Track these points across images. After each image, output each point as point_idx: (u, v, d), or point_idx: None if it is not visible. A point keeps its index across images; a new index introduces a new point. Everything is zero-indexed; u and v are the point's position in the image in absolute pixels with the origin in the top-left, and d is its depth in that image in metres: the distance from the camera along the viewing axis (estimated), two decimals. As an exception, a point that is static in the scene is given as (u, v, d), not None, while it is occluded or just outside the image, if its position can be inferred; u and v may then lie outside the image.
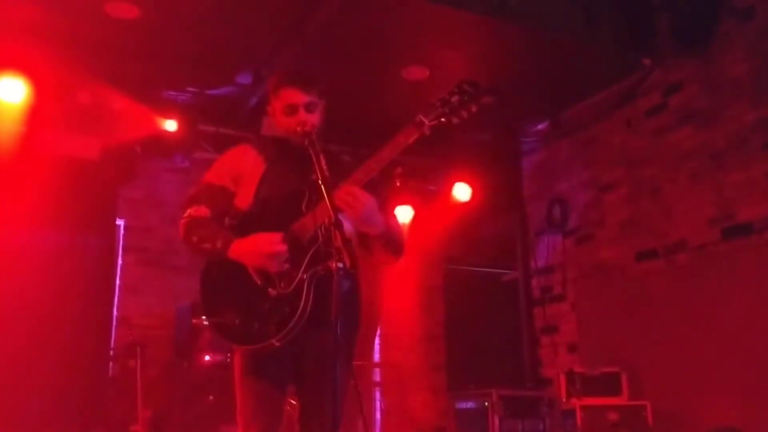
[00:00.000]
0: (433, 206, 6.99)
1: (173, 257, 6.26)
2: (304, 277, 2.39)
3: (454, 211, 6.82)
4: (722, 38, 5.18)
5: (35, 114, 5.21)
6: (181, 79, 5.66)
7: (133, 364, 5.16)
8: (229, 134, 5.88)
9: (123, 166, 5.73)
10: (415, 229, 6.51)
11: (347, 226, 2.25)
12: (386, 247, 2.55)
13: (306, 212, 2.45)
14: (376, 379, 6.64)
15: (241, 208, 2.58)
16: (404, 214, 6.56)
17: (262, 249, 2.40)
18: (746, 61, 5.03)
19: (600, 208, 6.19)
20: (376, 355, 6.90)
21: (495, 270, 7.61)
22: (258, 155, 2.65)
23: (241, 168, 2.63)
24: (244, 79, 5.61)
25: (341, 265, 2.04)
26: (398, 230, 2.62)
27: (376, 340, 6.88)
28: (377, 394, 6.53)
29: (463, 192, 6.72)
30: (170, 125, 5.64)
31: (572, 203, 6.51)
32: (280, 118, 2.60)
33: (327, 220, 2.18)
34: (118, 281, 6.04)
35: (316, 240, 2.40)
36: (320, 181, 2.25)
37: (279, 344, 2.37)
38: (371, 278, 2.72)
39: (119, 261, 6.13)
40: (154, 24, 4.87)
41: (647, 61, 5.58)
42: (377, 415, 6.60)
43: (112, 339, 5.74)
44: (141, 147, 5.80)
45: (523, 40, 5.28)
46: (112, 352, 5.64)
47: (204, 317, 2.53)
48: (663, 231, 5.55)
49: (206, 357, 4.99)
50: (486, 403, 5.64)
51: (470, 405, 5.89)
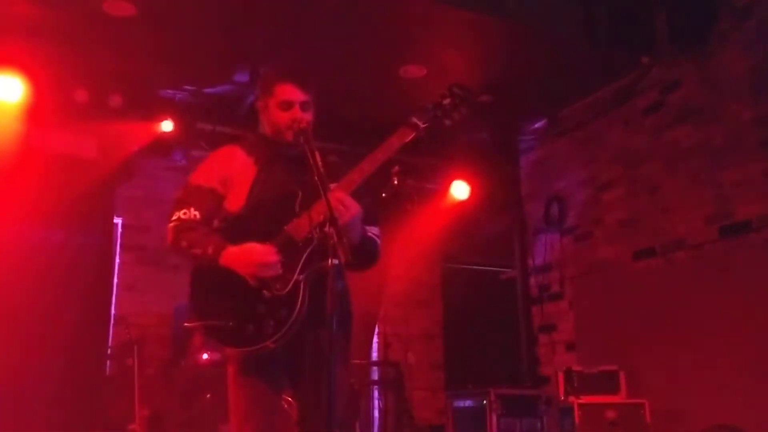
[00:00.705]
0: (431, 205, 6.99)
1: (171, 256, 6.22)
2: (300, 279, 2.36)
3: (452, 210, 6.82)
4: (720, 36, 5.18)
5: (32, 112, 5.19)
6: (179, 77, 5.65)
7: (131, 363, 5.15)
8: (227, 132, 5.86)
9: (120, 165, 5.72)
10: (413, 227, 6.51)
11: None
12: (360, 255, 2.48)
13: (300, 213, 2.42)
14: (374, 377, 6.63)
15: (231, 211, 2.53)
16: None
17: (254, 260, 2.36)
18: (744, 59, 5.03)
19: (598, 207, 6.19)
20: (374, 354, 6.89)
21: (493, 268, 7.61)
22: (247, 157, 2.61)
23: (229, 170, 2.58)
24: (241, 77, 5.61)
25: (337, 261, 2.03)
26: (376, 241, 2.59)
27: (374, 339, 6.87)
28: (375, 393, 6.53)
29: (461, 190, 6.71)
30: (166, 125, 5.62)
31: (570, 202, 6.51)
32: (275, 113, 2.57)
33: (322, 217, 2.17)
34: (115, 280, 6.03)
35: (311, 241, 2.38)
36: (317, 178, 2.24)
37: (274, 346, 2.35)
38: (371, 277, 2.70)
39: (117, 259, 6.11)
40: (152, 22, 4.86)
41: (645, 60, 5.58)
42: (375, 413, 6.59)
43: (110, 337, 5.72)
44: (138, 145, 5.77)
45: (521, 38, 5.28)
46: (109, 351, 5.63)
47: (195, 320, 2.47)
48: (661, 229, 5.55)
49: (204, 355, 4.98)
50: (484, 402, 5.64)
51: (468, 403, 5.89)
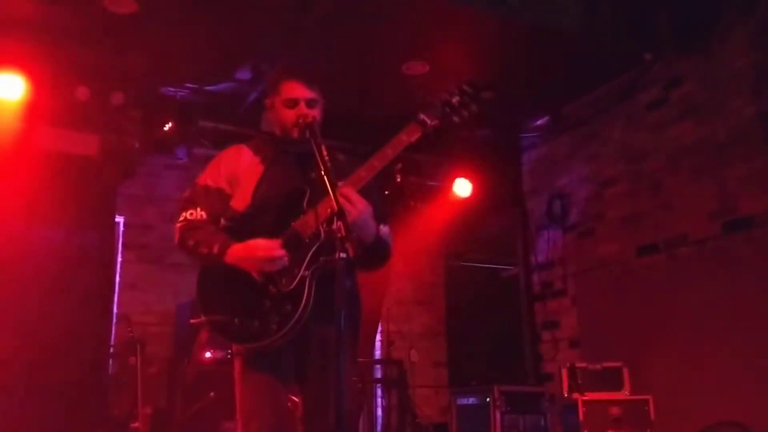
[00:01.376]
0: (434, 202, 6.98)
1: (173, 254, 6.23)
2: (306, 274, 2.36)
3: (455, 207, 6.81)
4: (723, 32, 5.17)
5: (33, 110, 5.18)
6: (180, 74, 5.63)
7: (134, 361, 5.13)
8: (229, 130, 5.86)
9: (122, 163, 5.70)
10: (415, 225, 6.50)
11: None
12: (372, 255, 2.51)
13: (307, 210, 2.42)
14: (377, 375, 6.62)
15: (237, 209, 2.55)
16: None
17: (259, 255, 2.37)
18: (747, 55, 5.02)
19: (601, 203, 6.18)
20: (377, 352, 6.88)
21: (496, 266, 7.60)
22: (254, 156, 2.62)
23: (236, 169, 2.60)
24: (243, 74, 5.59)
25: (344, 255, 2.02)
26: (387, 240, 2.59)
27: (377, 337, 6.86)
28: (378, 391, 6.52)
29: (463, 188, 6.69)
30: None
31: (573, 198, 6.50)
32: (281, 110, 2.57)
33: (330, 211, 2.16)
34: (117, 278, 6.01)
35: (318, 237, 2.38)
36: (323, 173, 2.22)
37: (280, 342, 2.35)
38: (373, 274, 2.69)
39: (119, 258, 6.10)
40: (153, 19, 4.85)
41: (648, 56, 5.57)
42: (378, 411, 6.58)
43: (112, 336, 5.71)
44: (140, 143, 5.76)
45: (524, 35, 5.26)
46: (112, 350, 5.62)
47: (201, 316, 2.48)
48: (664, 225, 5.54)
49: (207, 354, 4.97)
50: (487, 399, 5.63)
51: (472, 401, 5.88)
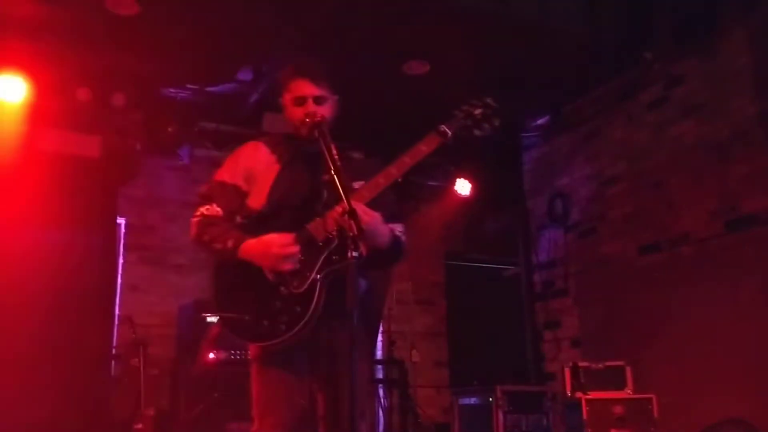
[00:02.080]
0: (435, 202, 6.98)
1: (175, 255, 6.24)
2: (317, 278, 2.36)
3: (456, 207, 6.81)
4: (724, 30, 5.18)
5: (35, 112, 5.18)
6: (182, 75, 5.63)
7: (136, 363, 5.13)
8: (230, 131, 5.86)
9: (124, 164, 5.70)
10: (416, 225, 6.50)
11: None
12: (387, 257, 2.52)
13: (322, 213, 2.42)
14: (379, 376, 6.62)
15: (253, 208, 2.55)
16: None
17: (272, 251, 2.37)
18: (748, 54, 5.03)
19: (602, 202, 6.19)
20: (379, 352, 6.88)
21: (497, 265, 7.60)
22: (270, 154, 2.61)
23: (253, 166, 2.59)
24: (244, 75, 5.59)
25: (356, 254, 2.02)
26: (402, 240, 2.58)
27: (379, 337, 6.86)
28: (380, 391, 6.51)
29: (464, 187, 6.70)
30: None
31: (574, 197, 6.51)
32: (290, 109, 2.58)
33: (342, 210, 2.16)
34: (119, 280, 6.01)
35: (332, 241, 2.38)
36: (333, 171, 2.22)
37: (290, 343, 2.36)
38: (375, 275, 2.70)
39: (121, 259, 6.09)
40: (155, 20, 4.84)
41: (649, 55, 5.58)
42: (380, 411, 6.57)
43: (115, 338, 5.71)
44: (141, 145, 5.76)
45: (524, 34, 5.26)
46: (114, 351, 5.61)
47: (215, 313, 2.49)
48: (666, 224, 5.54)
49: (210, 355, 4.97)
50: (490, 399, 5.63)
51: (474, 401, 5.88)
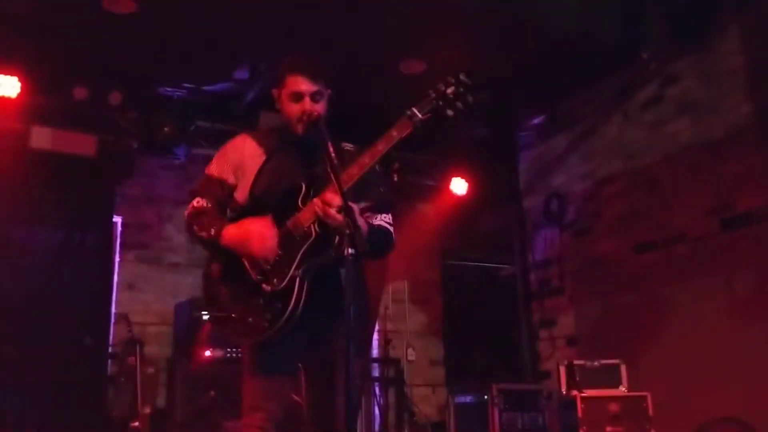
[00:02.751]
0: (431, 201, 6.99)
1: (171, 254, 6.23)
2: (296, 274, 2.38)
3: (452, 206, 6.82)
4: (719, 29, 5.20)
5: (31, 110, 5.17)
6: (178, 74, 5.62)
7: (133, 361, 5.13)
8: (227, 130, 5.84)
9: (120, 163, 5.70)
10: (412, 224, 6.51)
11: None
12: (372, 246, 2.45)
13: (302, 207, 2.43)
14: (375, 374, 6.63)
15: (239, 202, 2.58)
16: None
17: (251, 233, 2.40)
18: (743, 53, 5.05)
19: (598, 201, 6.21)
20: (375, 351, 6.89)
21: (493, 264, 7.61)
22: (258, 146, 2.63)
23: (241, 159, 2.61)
24: (241, 74, 5.59)
25: (352, 251, 2.03)
26: (388, 229, 2.59)
27: (375, 336, 6.87)
28: (376, 389, 6.52)
29: (460, 187, 6.71)
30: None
31: (570, 196, 6.53)
32: (286, 104, 2.58)
33: (337, 206, 2.17)
34: (116, 278, 6.00)
35: (309, 236, 2.39)
36: (330, 170, 2.23)
37: (273, 338, 2.39)
38: (371, 274, 2.70)
39: (117, 258, 6.09)
40: (152, 19, 4.84)
41: (644, 54, 5.60)
42: (376, 410, 6.58)
43: (111, 336, 5.70)
44: (138, 143, 5.76)
45: (520, 32, 5.28)
46: (111, 349, 5.61)
47: (204, 311, 2.53)
48: (661, 223, 5.57)
49: (206, 353, 4.97)
50: (485, 397, 5.65)
51: (469, 399, 5.90)
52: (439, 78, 2.53)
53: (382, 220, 2.57)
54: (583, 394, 5.05)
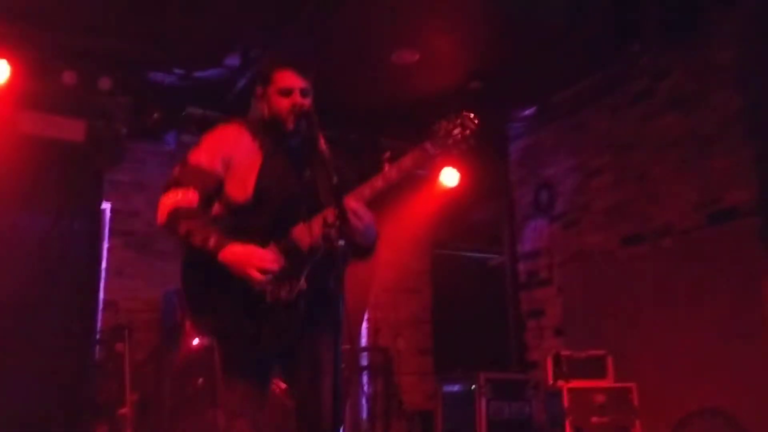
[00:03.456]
0: (421, 191, 7.00)
1: (160, 241, 6.21)
2: (304, 288, 2.36)
3: (442, 197, 6.84)
4: (709, 25, 5.21)
5: (19, 95, 5.12)
6: (169, 60, 5.58)
7: (121, 348, 5.12)
8: (217, 117, 5.82)
9: (109, 149, 5.66)
10: (402, 214, 6.52)
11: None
12: (364, 255, 2.52)
13: (307, 217, 2.40)
14: (363, 363, 6.66)
15: (234, 199, 2.48)
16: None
17: (254, 263, 2.32)
18: (733, 48, 5.07)
19: (587, 193, 6.24)
20: (363, 340, 6.91)
21: (482, 254, 7.65)
22: (253, 141, 2.54)
23: (233, 151, 2.51)
24: (232, 61, 5.56)
25: (343, 243, 2.03)
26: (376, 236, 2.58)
27: (364, 325, 6.90)
28: (364, 378, 6.55)
29: (450, 177, 6.72)
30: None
31: (559, 188, 6.55)
32: (275, 100, 2.53)
33: (332, 218, 2.15)
34: (104, 265, 5.98)
35: (318, 250, 2.36)
36: (322, 162, 2.23)
37: (274, 350, 2.39)
38: (360, 263, 2.71)
39: (106, 244, 6.06)
40: (141, 3, 4.80)
41: (635, 47, 5.61)
42: (363, 399, 6.62)
43: (99, 323, 5.69)
44: (127, 129, 5.72)
45: (512, 24, 5.28)
46: (98, 336, 5.60)
47: (191, 313, 2.46)
48: (649, 216, 5.60)
49: (195, 341, 4.97)
50: (473, 386, 5.69)
51: (457, 388, 5.94)
52: (448, 116, 2.59)
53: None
54: (569, 385, 5.10)
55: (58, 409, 5.03)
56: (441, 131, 2.54)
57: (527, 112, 6.85)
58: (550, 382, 5.28)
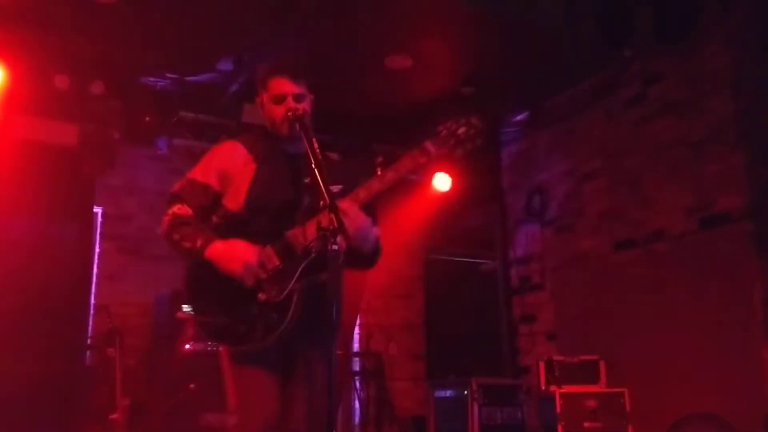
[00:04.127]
0: (414, 196, 7.00)
1: (152, 245, 6.19)
2: (295, 288, 2.39)
3: (435, 201, 6.84)
4: (703, 30, 5.24)
5: (11, 99, 5.10)
6: (161, 64, 5.57)
7: (112, 353, 5.10)
8: (209, 121, 5.83)
9: (101, 153, 5.64)
10: (395, 219, 6.52)
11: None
12: (368, 261, 2.56)
13: (302, 220, 2.43)
14: (356, 368, 6.65)
15: (230, 209, 2.56)
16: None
17: (238, 256, 2.39)
18: (726, 53, 5.10)
19: (579, 198, 6.26)
20: (356, 344, 6.90)
21: (475, 260, 7.65)
22: (248, 153, 2.62)
23: (229, 166, 2.60)
24: (224, 65, 5.55)
25: (336, 247, 2.04)
26: (379, 245, 2.60)
27: (356, 330, 6.89)
28: (357, 383, 6.54)
29: (443, 182, 6.73)
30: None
31: (552, 193, 6.57)
32: (269, 107, 2.59)
33: (322, 203, 2.18)
34: (96, 269, 5.96)
35: (310, 252, 2.39)
36: (314, 166, 2.24)
37: (264, 348, 2.40)
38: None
39: (97, 249, 6.04)
40: (134, 8, 4.80)
41: (628, 52, 5.63)
42: (356, 404, 6.60)
43: (90, 327, 5.66)
44: (119, 134, 5.71)
45: (504, 29, 5.29)
46: (90, 341, 5.57)
47: (191, 313, 2.52)
48: (642, 221, 5.62)
49: (187, 345, 4.95)
50: (465, 392, 5.68)
51: (449, 393, 5.93)
52: (452, 117, 2.59)
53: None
54: (561, 390, 5.10)
55: (49, 414, 5.00)
56: (444, 131, 2.54)
57: (520, 117, 6.87)
58: (543, 387, 5.28)
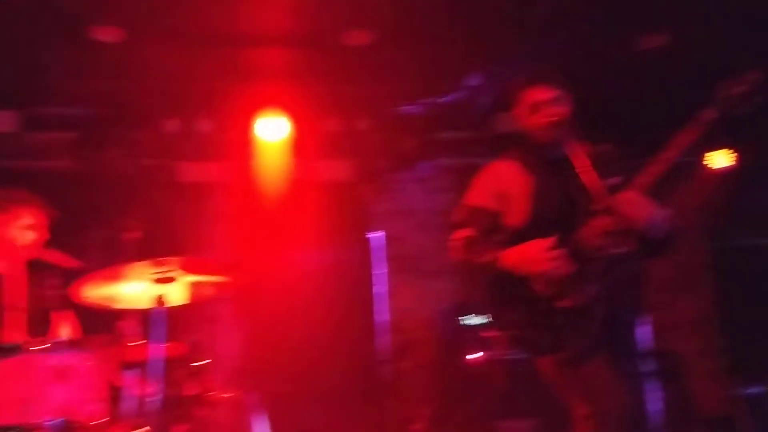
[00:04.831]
0: (691, 179, 6.49)
1: (427, 262, 6.46)
2: (595, 289, 2.37)
3: (715, 181, 6.30)
4: None
5: (294, 145, 5.72)
6: (416, 92, 5.85)
7: (405, 366, 5.39)
8: (466, 138, 6.00)
9: (372, 183, 6.10)
10: (674, 206, 6.08)
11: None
12: (660, 248, 2.47)
13: (580, 223, 2.42)
14: (649, 368, 6.26)
15: (514, 225, 2.60)
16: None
17: (532, 253, 2.41)
18: None
19: None
20: (645, 344, 6.51)
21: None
22: (521, 169, 2.64)
23: (506, 185, 2.64)
24: (473, 80, 5.67)
25: (624, 249, 1.98)
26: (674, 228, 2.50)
27: (648, 328, 6.50)
28: (651, 385, 6.16)
29: (722, 159, 6.21)
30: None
31: None
32: (528, 119, 2.60)
33: (601, 206, 2.13)
34: (377, 289, 6.38)
35: (603, 250, 2.36)
36: (579, 172, 2.21)
37: (576, 354, 2.43)
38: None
39: (377, 270, 6.49)
40: (385, 48, 5.05)
41: None
42: (652, 406, 6.23)
43: (380, 343, 6.07)
44: (386, 162, 6.12)
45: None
46: (382, 356, 5.97)
47: (497, 329, 2.65)
48: None
49: (477, 355, 5.08)
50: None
51: (761, 390, 5.35)
52: (729, 78, 2.38)
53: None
54: None
55: (346, 425, 5.43)
56: (720, 95, 2.33)
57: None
58: None
